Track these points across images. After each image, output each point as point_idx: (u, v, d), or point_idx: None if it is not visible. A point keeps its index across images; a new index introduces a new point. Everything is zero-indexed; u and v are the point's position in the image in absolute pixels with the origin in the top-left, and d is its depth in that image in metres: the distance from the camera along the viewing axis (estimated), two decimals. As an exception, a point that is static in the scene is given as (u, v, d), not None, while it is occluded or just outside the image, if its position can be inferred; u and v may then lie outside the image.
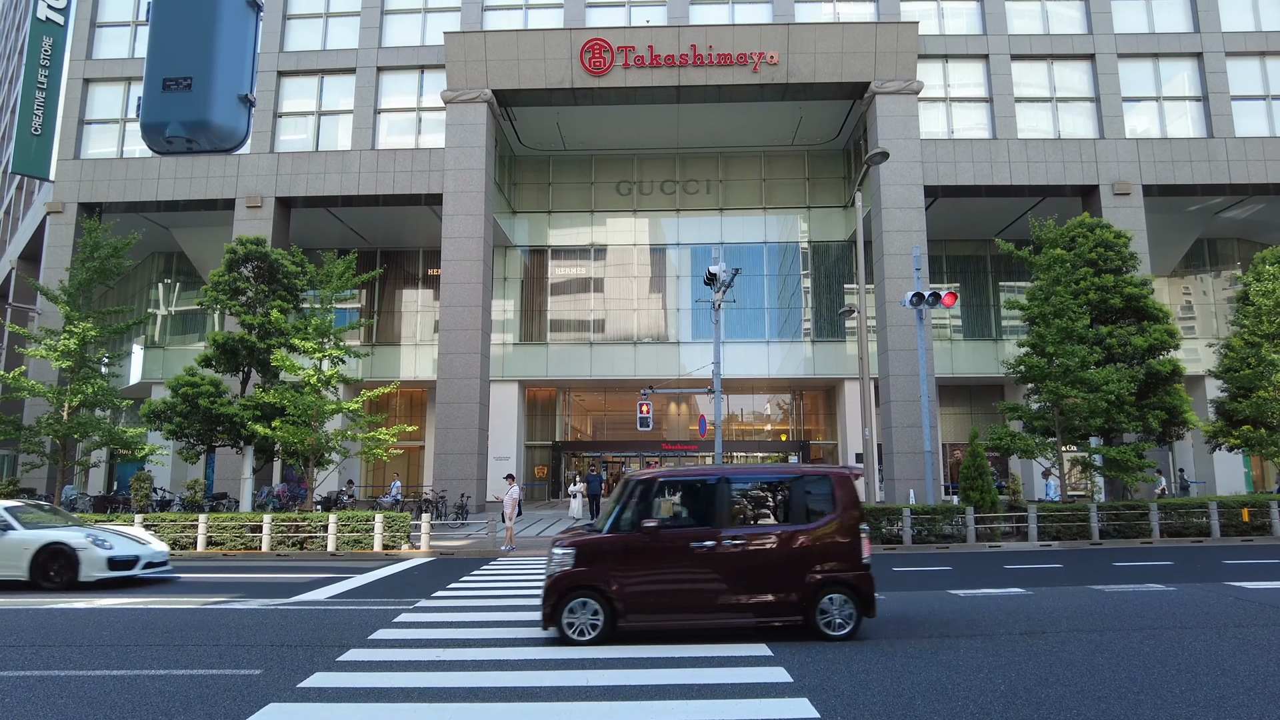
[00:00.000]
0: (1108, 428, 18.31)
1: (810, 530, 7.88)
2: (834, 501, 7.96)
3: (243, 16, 3.16)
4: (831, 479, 8.09)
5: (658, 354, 30.49)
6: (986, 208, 27.44)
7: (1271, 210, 27.90)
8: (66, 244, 25.76)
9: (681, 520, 8.33)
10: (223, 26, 3.08)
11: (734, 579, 7.67)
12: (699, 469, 9.32)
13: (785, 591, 7.64)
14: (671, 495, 8.55)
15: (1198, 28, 26.10)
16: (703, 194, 31.54)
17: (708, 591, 7.65)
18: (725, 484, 8.12)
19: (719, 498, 8.02)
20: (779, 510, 8.29)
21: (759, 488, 8.78)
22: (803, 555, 7.77)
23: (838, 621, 7.60)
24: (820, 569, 7.69)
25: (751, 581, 7.68)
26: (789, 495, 8.13)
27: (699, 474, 8.80)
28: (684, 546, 7.75)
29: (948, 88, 26.19)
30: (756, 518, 8.33)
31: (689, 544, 7.75)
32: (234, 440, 19.35)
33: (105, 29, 28.11)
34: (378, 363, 30.51)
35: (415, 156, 25.84)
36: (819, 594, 7.64)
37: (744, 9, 27.12)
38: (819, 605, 7.62)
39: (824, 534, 7.85)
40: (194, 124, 3.00)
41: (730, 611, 7.63)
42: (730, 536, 7.75)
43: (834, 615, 7.61)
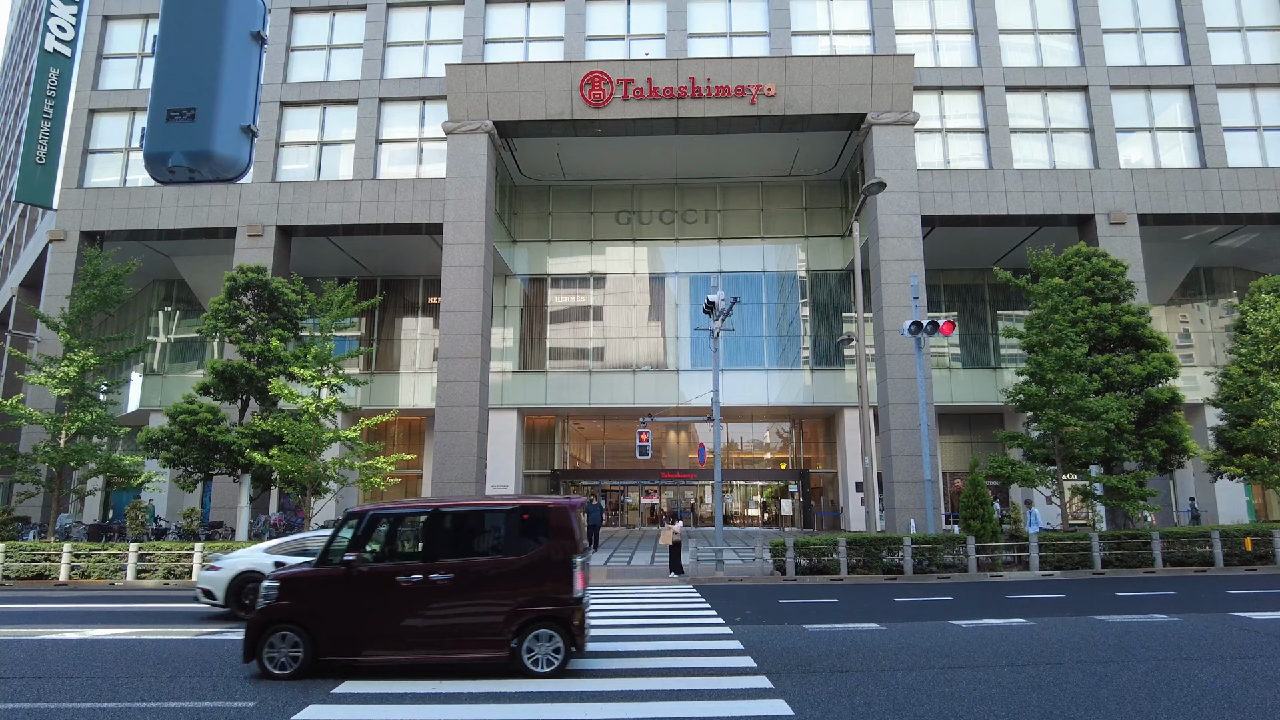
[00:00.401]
0: (1108, 456, 18.26)
1: (521, 563, 7.70)
2: (549, 534, 7.74)
3: (247, 49, 3.21)
4: (549, 511, 7.87)
5: (657, 382, 30.48)
6: (984, 237, 27.62)
7: (1266, 239, 28.09)
8: (68, 272, 25.85)
9: (393, 553, 8.14)
10: (227, 59, 3.12)
11: (441, 613, 7.50)
12: (416, 502, 9.09)
13: (492, 626, 7.46)
14: (386, 528, 8.20)
15: (1188, 61, 26.48)
16: (701, 223, 31.76)
17: (414, 626, 7.46)
18: (440, 516, 7.98)
19: (433, 530, 7.90)
20: (496, 543, 8.05)
21: (478, 520, 8.38)
22: (512, 589, 7.58)
23: (544, 658, 7.45)
24: (529, 604, 7.52)
25: (459, 616, 7.50)
26: (506, 528, 7.98)
27: (414, 507, 8.62)
28: (390, 580, 7.58)
29: (943, 119, 26.50)
30: (475, 551, 8.07)
31: (395, 578, 7.59)
32: (231, 468, 19.27)
33: (111, 60, 28.47)
34: (376, 391, 30.48)
35: (416, 186, 26.05)
36: (526, 629, 7.47)
37: (742, 42, 27.52)
38: (526, 641, 7.46)
39: (534, 567, 7.65)
40: (197, 154, 3.03)
41: (435, 648, 7.44)
42: (439, 570, 7.56)
43: (540, 652, 7.45)
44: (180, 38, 3.14)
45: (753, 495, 36.25)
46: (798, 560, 16.58)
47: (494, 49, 27.57)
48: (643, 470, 33.25)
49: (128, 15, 28.51)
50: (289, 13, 27.89)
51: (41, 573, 16.61)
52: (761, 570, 17.14)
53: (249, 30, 3.24)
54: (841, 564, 16.35)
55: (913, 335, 18.91)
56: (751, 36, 27.49)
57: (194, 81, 3.06)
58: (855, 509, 28.24)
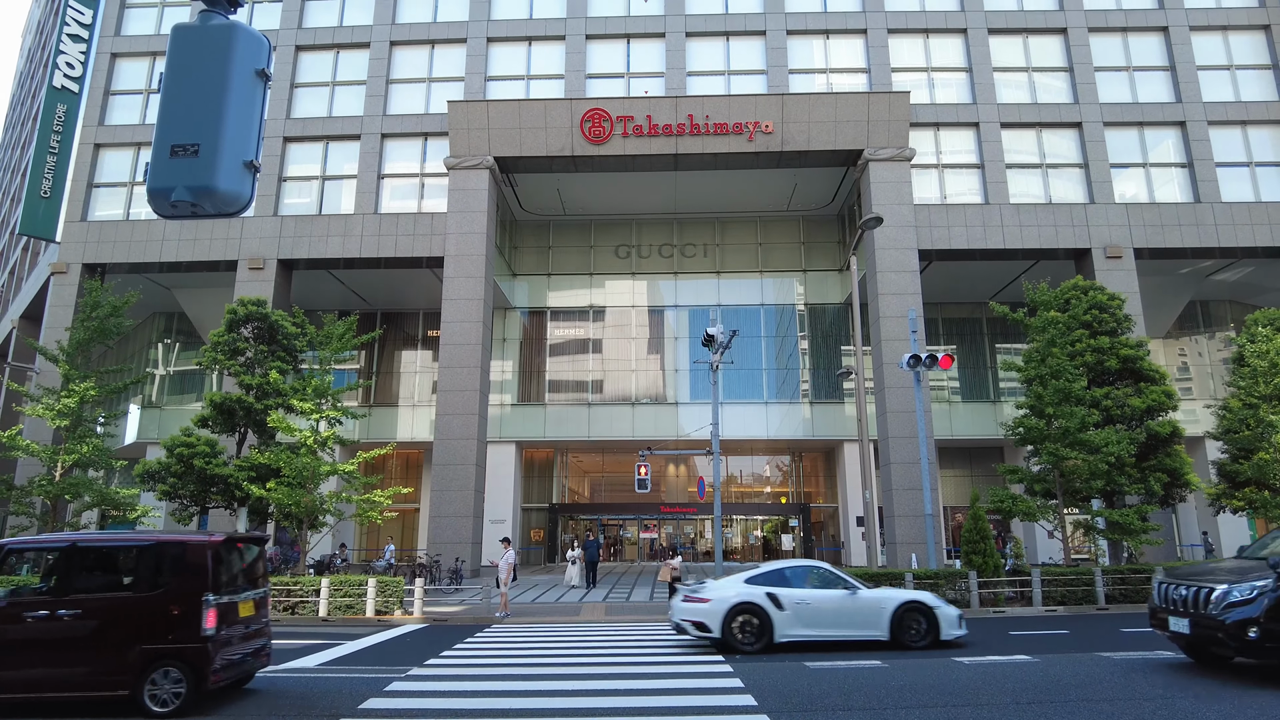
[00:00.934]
0: (1109, 490, 18.16)
1: (151, 600, 7.63)
2: (182, 571, 7.69)
3: (251, 86, 3.25)
4: (185, 548, 7.81)
5: (656, 415, 30.42)
6: (981, 271, 27.79)
7: (1261, 273, 28.27)
8: (69, 304, 25.93)
9: (25, 589, 8.13)
10: (231, 96, 3.16)
11: (64, 650, 7.39)
12: (51, 537, 9.07)
13: (115, 663, 7.35)
14: (19, 562, 8.26)
15: (1179, 98, 26.89)
16: (700, 257, 31.95)
17: (37, 663, 7.33)
18: (75, 552, 7.91)
19: (67, 565, 7.83)
20: (130, 579, 7.96)
21: (112, 556, 8.32)
22: (138, 626, 7.49)
23: (164, 697, 7.33)
24: (154, 641, 7.43)
25: (83, 652, 7.40)
26: (140, 564, 7.91)
27: (47, 542, 8.60)
28: (17, 616, 7.50)
29: (940, 154, 26.81)
30: (107, 587, 7.98)
31: (22, 614, 7.50)
32: (228, 502, 19.13)
33: (118, 96, 28.88)
34: (375, 424, 30.40)
35: (418, 220, 26.26)
36: (149, 667, 7.36)
37: (740, 80, 27.95)
38: (149, 679, 7.33)
39: (163, 604, 7.57)
40: (199, 189, 3.06)
41: (61, 686, 7.31)
42: (67, 606, 7.47)
43: (162, 690, 7.34)
44: (186, 75, 3.19)
45: (753, 530, 35.96)
46: (798, 596, 16.35)
47: (496, 86, 27.99)
48: (642, 504, 33.04)
49: (135, 53, 29.01)
50: (294, 50, 28.38)
51: (33, 608, 16.35)
52: (762, 606, 16.91)
53: (254, 68, 3.29)
54: (843, 600, 16.13)
55: (911, 369, 18.90)
56: (749, 75, 27.93)
57: (198, 118, 3.10)
58: (856, 544, 28.01)
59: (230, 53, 3.24)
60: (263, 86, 3.34)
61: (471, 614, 16.61)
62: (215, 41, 3.26)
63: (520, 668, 10.18)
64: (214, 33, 3.30)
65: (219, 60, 3.21)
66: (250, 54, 3.30)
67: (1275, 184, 26.41)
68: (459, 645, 12.37)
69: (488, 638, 13.39)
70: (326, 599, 15.99)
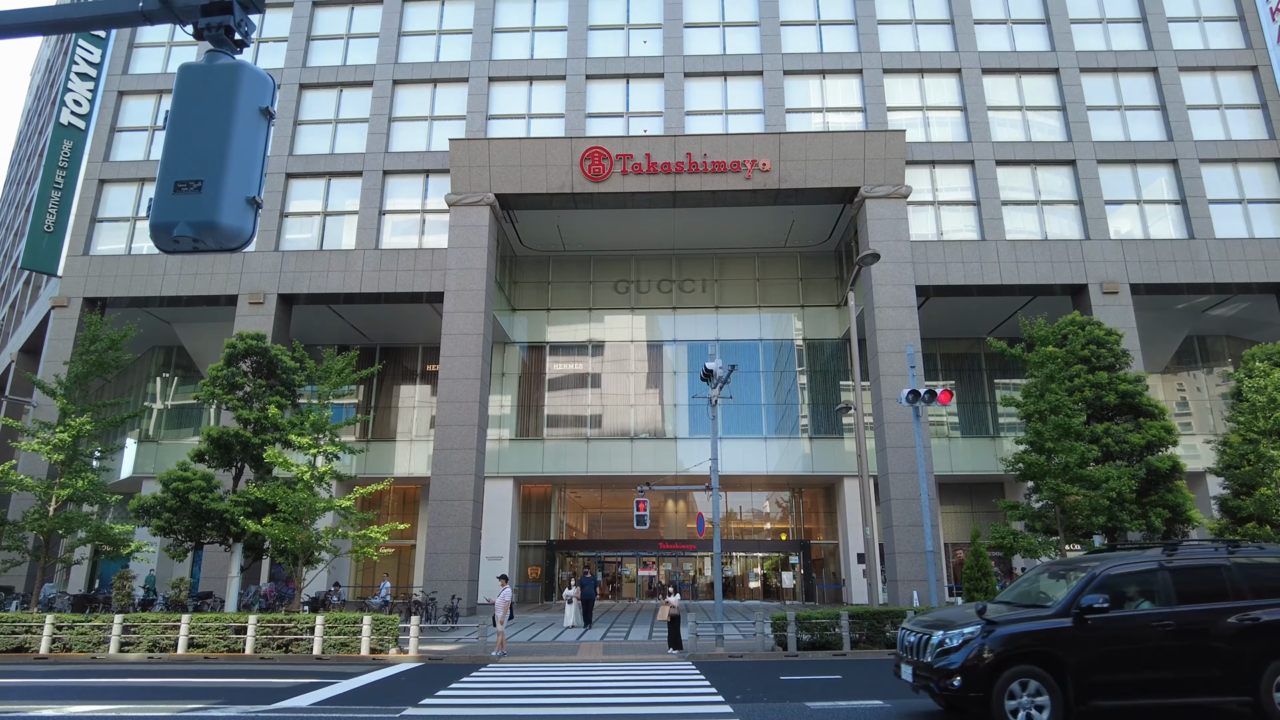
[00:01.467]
0: (1110, 526, 18.02)
1: None
2: None
3: (255, 124, 3.30)
4: None
5: (655, 450, 30.29)
6: (978, 306, 27.92)
7: (1257, 309, 28.39)
8: (68, 337, 25.96)
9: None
10: (236, 133, 3.21)
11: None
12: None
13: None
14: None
15: (1171, 136, 27.27)
16: (699, 292, 32.10)
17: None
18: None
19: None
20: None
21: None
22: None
23: None
24: None
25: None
26: None
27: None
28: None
29: (936, 191, 27.09)
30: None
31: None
32: (223, 537, 18.95)
33: (123, 133, 29.23)
34: (372, 459, 30.25)
35: (418, 256, 26.41)
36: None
37: (737, 119, 28.35)
38: None
39: None
40: (202, 224, 3.09)
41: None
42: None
43: None
44: (191, 113, 3.24)
45: (753, 567, 35.59)
46: (799, 635, 16.18)
47: (497, 124, 28.37)
48: (640, 541, 32.73)
49: (142, 91, 29.42)
50: (298, 88, 28.81)
51: (22, 645, 16.15)
52: (762, 645, 16.71)
53: (258, 106, 3.35)
54: (844, 638, 15.95)
55: (910, 404, 18.87)
56: (747, 114, 28.34)
57: (202, 154, 3.15)
58: (857, 581, 27.72)
59: (235, 91, 3.30)
60: (267, 124, 3.40)
61: (468, 652, 16.37)
62: (221, 80, 3.32)
63: (517, 708, 10.00)
64: (220, 72, 3.36)
65: (224, 98, 3.27)
66: (255, 92, 3.36)
67: (1268, 220, 26.67)
68: (455, 685, 12.17)
69: (484, 677, 13.18)
70: (321, 636, 15.77)
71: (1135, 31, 28.87)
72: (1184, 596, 8.21)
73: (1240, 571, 8.45)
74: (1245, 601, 8.20)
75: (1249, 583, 8.36)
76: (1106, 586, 8.15)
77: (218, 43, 3.54)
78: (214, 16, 3.53)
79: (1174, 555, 8.64)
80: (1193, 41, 28.65)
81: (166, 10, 3.57)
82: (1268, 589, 8.36)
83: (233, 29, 3.57)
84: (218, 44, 3.54)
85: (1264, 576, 8.51)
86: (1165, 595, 8.25)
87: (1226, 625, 8.05)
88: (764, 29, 28.91)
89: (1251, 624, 8.04)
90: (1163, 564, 8.47)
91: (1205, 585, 8.38)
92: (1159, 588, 8.32)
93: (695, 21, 29.54)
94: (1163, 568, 8.43)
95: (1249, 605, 8.17)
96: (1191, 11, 29.15)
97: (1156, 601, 8.24)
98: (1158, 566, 8.45)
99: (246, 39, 3.64)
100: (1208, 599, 8.25)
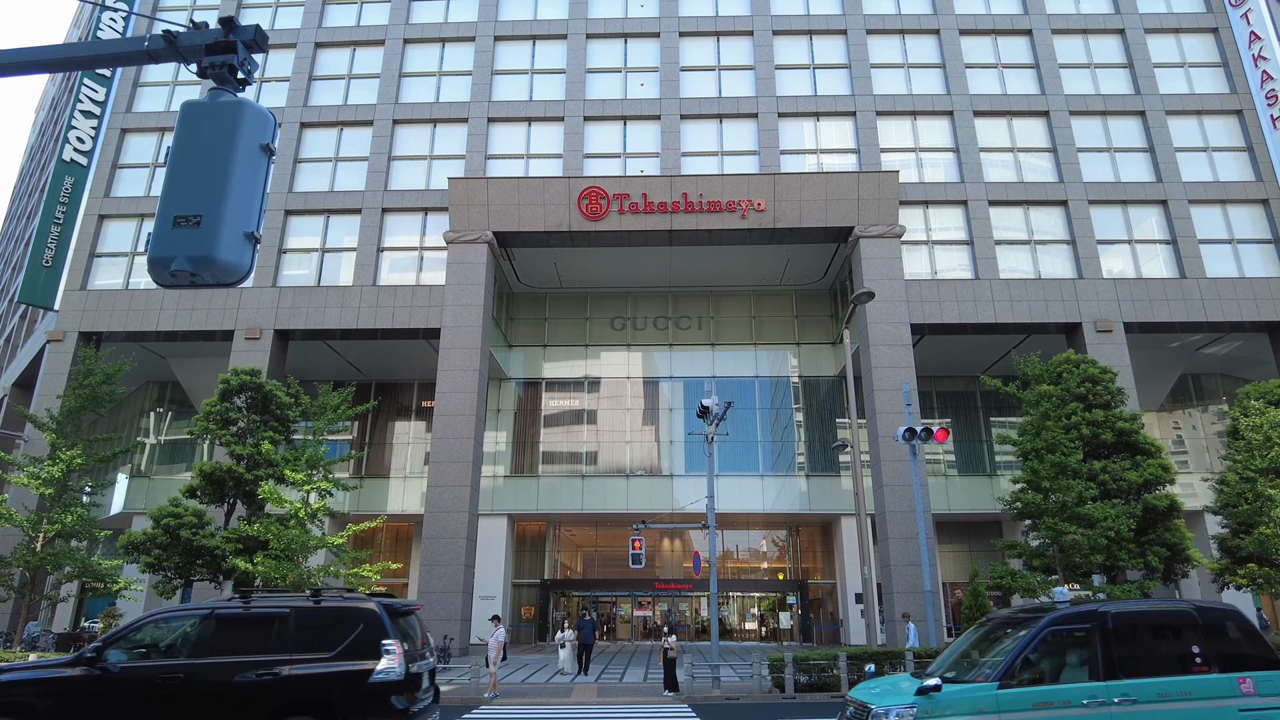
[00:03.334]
0: (1109, 565, 17.89)
1: None
2: None
3: (255, 161, 3.34)
4: None
5: (650, 487, 30.10)
6: (973, 344, 28.03)
7: (1250, 347, 28.54)
8: (63, 371, 25.86)
9: None
10: (236, 169, 3.25)
11: None
12: None
13: None
14: None
15: (1160, 178, 27.66)
16: (694, 329, 32.22)
17: None
18: None
19: None
20: None
21: None
22: None
23: None
24: None
25: None
26: None
27: None
28: None
29: (929, 231, 27.37)
30: None
31: None
32: (213, 574, 18.69)
33: (125, 170, 29.47)
34: (365, 495, 30.00)
35: (415, 293, 26.50)
36: None
37: (733, 160, 28.73)
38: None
39: None
40: (199, 259, 3.11)
41: None
42: None
43: None
44: (193, 148, 3.28)
45: (749, 607, 35.17)
46: (797, 676, 15.94)
47: (496, 164, 28.70)
48: (636, 580, 32.34)
49: (144, 129, 29.74)
50: (299, 127, 29.15)
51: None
52: (759, 687, 16.44)
53: (259, 143, 3.39)
54: (843, 679, 15.70)
55: (907, 441, 18.85)
56: (742, 155, 28.72)
57: (202, 190, 3.17)
58: (855, 621, 27.38)
59: (237, 128, 3.34)
60: (267, 161, 3.44)
61: (460, 694, 16.06)
62: (223, 117, 3.37)
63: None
64: (222, 109, 3.41)
65: (225, 135, 3.31)
66: (256, 129, 3.40)
67: (1258, 260, 26.94)
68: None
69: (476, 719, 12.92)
70: (309, 678, 15.46)
71: (1122, 76, 29.47)
72: None
73: None
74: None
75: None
76: None
77: (221, 81, 3.60)
78: (218, 55, 3.59)
79: None
80: (1179, 86, 29.24)
81: (172, 50, 3.63)
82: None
83: (236, 67, 3.63)
84: (221, 82, 3.59)
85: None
86: None
87: None
88: (759, 72, 29.46)
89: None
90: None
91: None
92: None
93: (691, 65, 30.09)
94: None
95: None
96: (1176, 57, 29.79)
97: None
98: None
99: (250, 77, 3.70)
100: None
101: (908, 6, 30.61)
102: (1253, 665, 7.23)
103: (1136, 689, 7.06)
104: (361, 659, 7.66)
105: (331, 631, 7.84)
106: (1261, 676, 7.14)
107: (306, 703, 7.53)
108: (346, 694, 7.57)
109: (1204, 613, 7.61)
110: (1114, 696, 7.02)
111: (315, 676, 7.61)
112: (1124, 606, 7.96)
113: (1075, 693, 7.10)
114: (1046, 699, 7.07)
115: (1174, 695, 7.04)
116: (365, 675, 7.59)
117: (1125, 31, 29.83)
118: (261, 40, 3.69)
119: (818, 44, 30.26)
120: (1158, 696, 7.04)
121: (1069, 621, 7.64)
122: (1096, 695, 7.03)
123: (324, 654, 7.69)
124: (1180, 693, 7.05)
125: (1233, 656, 7.28)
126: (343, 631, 7.82)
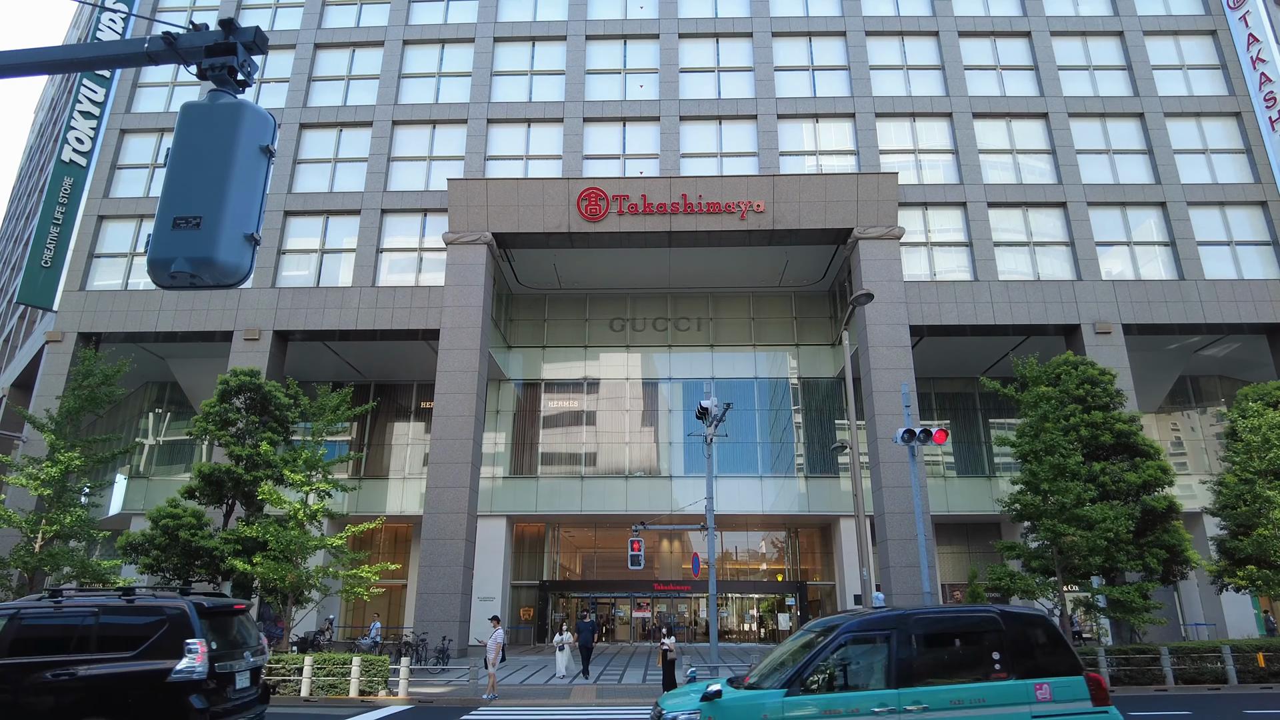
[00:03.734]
0: (1108, 567, 17.89)
1: None
2: None
3: (255, 162, 3.34)
4: None
5: (650, 488, 30.10)
6: (972, 346, 28.04)
7: (1248, 349, 28.57)
8: (62, 372, 25.83)
9: None
10: (235, 171, 3.25)
11: None
12: None
13: None
14: None
15: (1159, 180, 27.69)
16: (694, 331, 32.22)
17: None
18: None
19: None
20: None
21: None
22: None
23: None
24: None
25: None
26: None
27: None
28: None
29: (928, 232, 27.39)
30: None
31: None
32: (212, 575, 18.67)
33: (124, 170, 29.47)
34: (364, 497, 29.99)
35: (415, 294, 26.50)
36: None
37: (732, 162, 28.75)
38: None
39: None
40: (199, 260, 3.11)
41: None
42: None
43: None
44: (192, 150, 3.29)
45: (749, 609, 35.14)
46: (795, 677, 15.89)
47: (495, 165, 28.71)
48: (635, 581, 32.33)
49: (144, 129, 29.74)
50: (298, 128, 29.15)
51: None
52: (758, 688, 16.40)
53: (259, 144, 3.40)
54: (841, 681, 15.67)
55: (906, 443, 18.83)
56: (741, 156, 28.74)
57: (202, 191, 3.18)
58: (854, 622, 27.32)
59: (237, 129, 3.35)
60: (266, 162, 3.44)
61: (458, 695, 16.05)
62: (222, 118, 3.37)
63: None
64: (222, 110, 3.41)
65: (225, 136, 3.31)
66: (256, 131, 3.41)
67: (1256, 262, 26.97)
68: (444, 729, 11.91)
69: (474, 721, 12.92)
70: (309, 677, 15.48)
71: (1121, 78, 29.50)
72: None
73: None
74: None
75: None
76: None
77: (220, 82, 3.60)
78: (217, 57, 3.60)
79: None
80: (1177, 88, 29.28)
81: (171, 51, 3.64)
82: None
83: (236, 69, 3.64)
84: (221, 84, 3.60)
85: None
86: None
87: None
88: (758, 74, 29.48)
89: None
90: None
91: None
92: None
93: (691, 66, 30.11)
94: None
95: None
96: (1175, 59, 29.84)
97: None
98: None
99: (249, 79, 3.71)
100: None
101: (907, 8, 30.66)
102: (1055, 672, 7.15)
103: (929, 696, 6.95)
104: (164, 658, 7.69)
105: (139, 631, 7.91)
106: (1059, 683, 7.03)
107: (102, 703, 7.56)
108: (141, 693, 7.59)
109: (1009, 619, 7.47)
110: (905, 704, 6.89)
111: (111, 676, 7.66)
112: (924, 613, 7.97)
113: (865, 700, 6.97)
114: (834, 706, 6.95)
115: (967, 702, 6.94)
116: (164, 674, 7.61)
117: (1124, 34, 29.88)
118: (261, 42, 3.70)
119: (817, 46, 30.29)
120: (950, 704, 6.93)
121: (869, 628, 7.56)
122: (887, 702, 6.91)
123: (126, 653, 7.74)
124: (974, 699, 6.95)
125: (1035, 663, 7.22)
126: (148, 631, 7.88)
